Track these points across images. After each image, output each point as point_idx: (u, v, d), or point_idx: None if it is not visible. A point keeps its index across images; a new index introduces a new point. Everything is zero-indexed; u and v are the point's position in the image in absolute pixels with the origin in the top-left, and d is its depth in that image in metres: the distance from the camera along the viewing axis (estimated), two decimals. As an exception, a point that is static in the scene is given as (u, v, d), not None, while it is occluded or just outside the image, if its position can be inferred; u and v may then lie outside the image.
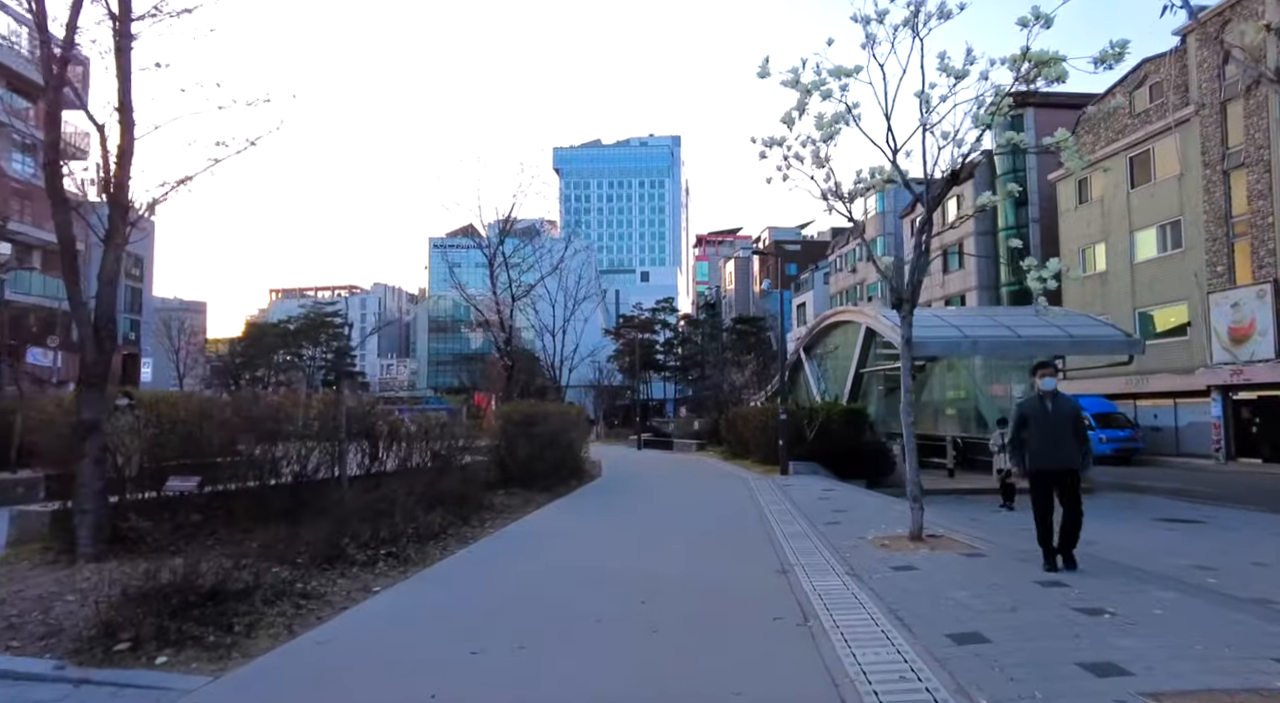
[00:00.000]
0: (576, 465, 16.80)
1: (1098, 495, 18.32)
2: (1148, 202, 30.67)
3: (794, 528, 9.96)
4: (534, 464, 13.52)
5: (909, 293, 8.98)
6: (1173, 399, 30.08)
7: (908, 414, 9.00)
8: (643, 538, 9.42)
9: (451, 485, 10.34)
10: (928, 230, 8.93)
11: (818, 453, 18.70)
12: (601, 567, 7.39)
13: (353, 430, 9.24)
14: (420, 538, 8.39)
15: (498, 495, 12.74)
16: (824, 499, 13.21)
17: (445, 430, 11.29)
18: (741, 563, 7.63)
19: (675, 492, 15.19)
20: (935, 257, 47.15)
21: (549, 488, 13.73)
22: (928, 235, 8.93)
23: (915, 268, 8.98)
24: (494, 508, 11.46)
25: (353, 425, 9.21)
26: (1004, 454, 14.70)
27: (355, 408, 10.07)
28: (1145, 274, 30.85)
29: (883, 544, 8.60)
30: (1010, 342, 17.29)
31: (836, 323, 23.42)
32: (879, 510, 11.66)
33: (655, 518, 11.26)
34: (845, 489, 15.12)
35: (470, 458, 13.43)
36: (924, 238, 8.91)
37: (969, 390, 25.10)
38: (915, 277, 8.96)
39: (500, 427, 14.23)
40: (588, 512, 11.85)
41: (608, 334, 60.69)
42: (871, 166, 9.36)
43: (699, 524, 10.55)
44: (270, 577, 6.00)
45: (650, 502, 13.35)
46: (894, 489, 18.24)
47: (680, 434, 38.28)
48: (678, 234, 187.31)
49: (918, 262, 8.96)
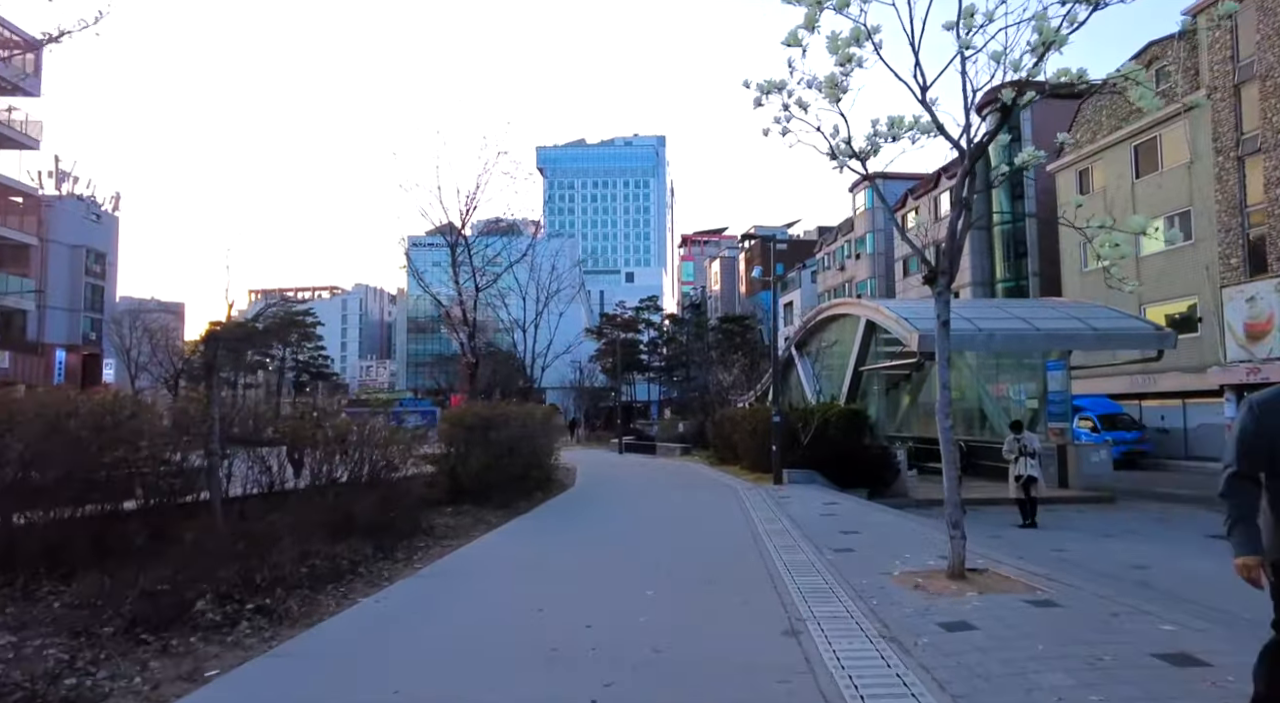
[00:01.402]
0: (544, 475, 14.82)
1: (1121, 507, 16.63)
2: (1154, 192, 29.16)
3: (798, 557, 8.05)
4: (489, 476, 11.53)
5: (947, 262, 7.11)
6: (1182, 399, 28.57)
7: (944, 416, 7.12)
8: (608, 576, 7.45)
9: (376, 507, 8.33)
10: (969, 183, 7.06)
11: (814, 459, 16.84)
12: (543, 632, 5.37)
13: (237, 437, 7.22)
14: (315, 582, 6.40)
15: (443, 515, 10.76)
16: (827, 516, 11.32)
17: (380, 437, 9.26)
18: (735, 619, 5.70)
19: (655, 506, 13.24)
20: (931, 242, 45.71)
21: (507, 503, 11.75)
22: (969, 189, 7.05)
23: (955, 230, 7.10)
24: (434, 533, 9.47)
25: (234, 431, 7.19)
26: (1024, 461, 12.86)
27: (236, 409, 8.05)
28: (1152, 268, 29.29)
29: (916, 584, 6.71)
30: (1027, 335, 15.53)
31: (833, 317, 21.58)
32: (895, 531, 9.79)
33: (627, 544, 9.30)
34: (849, 502, 13.25)
35: (417, 470, 11.45)
36: (966, 192, 7.03)
37: (972, 390, 23.39)
38: (956, 241, 7.09)
39: (449, 432, 12.22)
40: (547, 536, 9.87)
41: (590, 334, 58.66)
42: (890, 116, 7.50)
43: (680, 553, 8.60)
44: (42, 664, 4.00)
45: (624, 520, 11.40)
46: (898, 500, 16.41)
47: (664, 437, 36.32)
48: (663, 235, 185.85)
49: (957, 222, 7.08)
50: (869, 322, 18.47)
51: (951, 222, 7.11)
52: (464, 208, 18.63)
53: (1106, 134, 31.46)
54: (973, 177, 7.05)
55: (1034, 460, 12.88)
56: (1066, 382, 18.72)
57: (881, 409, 19.96)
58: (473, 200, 18.78)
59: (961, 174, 7.01)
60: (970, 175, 7.02)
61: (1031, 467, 12.84)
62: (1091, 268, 33.32)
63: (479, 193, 18.74)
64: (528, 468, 12.85)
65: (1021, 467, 12.80)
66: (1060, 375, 18.89)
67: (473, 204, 18.75)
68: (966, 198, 7.04)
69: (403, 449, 9.49)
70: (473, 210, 18.73)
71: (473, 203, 18.76)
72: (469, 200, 18.77)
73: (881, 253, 53.82)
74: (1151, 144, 29.29)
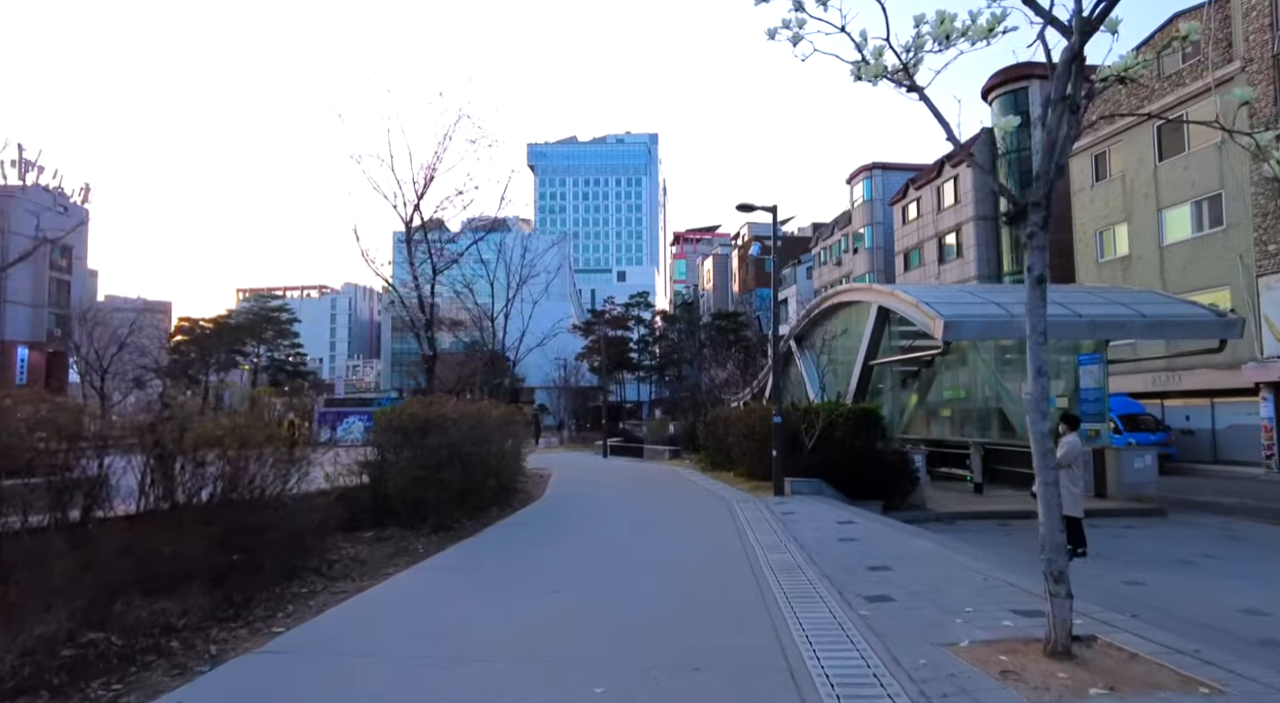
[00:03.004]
0: (502, 486, 12.52)
1: (1173, 521, 14.44)
2: (1179, 175, 27.05)
3: (819, 614, 5.78)
4: (423, 491, 9.21)
5: (1043, 190, 4.87)
6: (1209, 398, 26.46)
7: (1040, 416, 4.86)
8: (547, 654, 5.11)
9: (242, 537, 6.02)
10: (1074, 75, 4.78)
11: (820, 466, 14.57)
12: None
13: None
14: (107, 664, 4.10)
15: (359, 542, 8.47)
16: (845, 541, 9.05)
17: (258, 439, 6.92)
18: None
19: (631, 529, 10.92)
20: (934, 234, 43.56)
21: (446, 526, 9.44)
22: (1074, 84, 4.78)
23: (1056, 141, 4.83)
24: (330, 571, 7.16)
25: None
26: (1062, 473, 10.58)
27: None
28: (1177, 257, 27.22)
29: (1002, 667, 4.46)
30: (1068, 322, 13.31)
31: (839, 305, 19.30)
32: (937, 566, 7.52)
33: (587, 590, 6.94)
34: (867, 521, 10.97)
35: (337, 484, 9.17)
36: (1072, 85, 4.76)
37: (991, 386, 21.18)
38: (1057, 155, 4.82)
39: (377, 437, 9.91)
40: (480, 575, 7.51)
41: (577, 330, 56.33)
42: (939, 9, 5.29)
43: (656, 608, 6.30)
44: None
45: (588, 551, 9.10)
46: (915, 513, 14.18)
47: (653, 439, 34.02)
48: (655, 233, 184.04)
49: (1059, 128, 4.80)
50: (882, 309, 16.22)
51: (1051, 129, 4.83)
52: (421, 179, 16.32)
53: (1126, 114, 29.33)
54: (1081, 63, 4.78)
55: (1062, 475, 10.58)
56: (1103, 378, 16.53)
57: (896, 408, 17.71)
58: (431, 170, 16.48)
59: (1067, 57, 4.74)
60: (1077, 61, 4.76)
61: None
62: (1108, 258, 31.26)
63: (438, 162, 16.45)
64: (478, 480, 10.53)
65: (1074, 478, 10.52)
66: (1095, 370, 16.69)
67: (430, 174, 16.44)
68: (1073, 94, 4.77)
69: (281, 458, 7.13)
70: (431, 182, 16.42)
71: (430, 172, 16.46)
72: (428, 171, 16.47)
73: (880, 247, 51.68)
74: (1177, 125, 27.13)
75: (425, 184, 16.37)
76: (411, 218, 16.43)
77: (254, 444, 6.50)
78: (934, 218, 44.31)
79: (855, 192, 55.07)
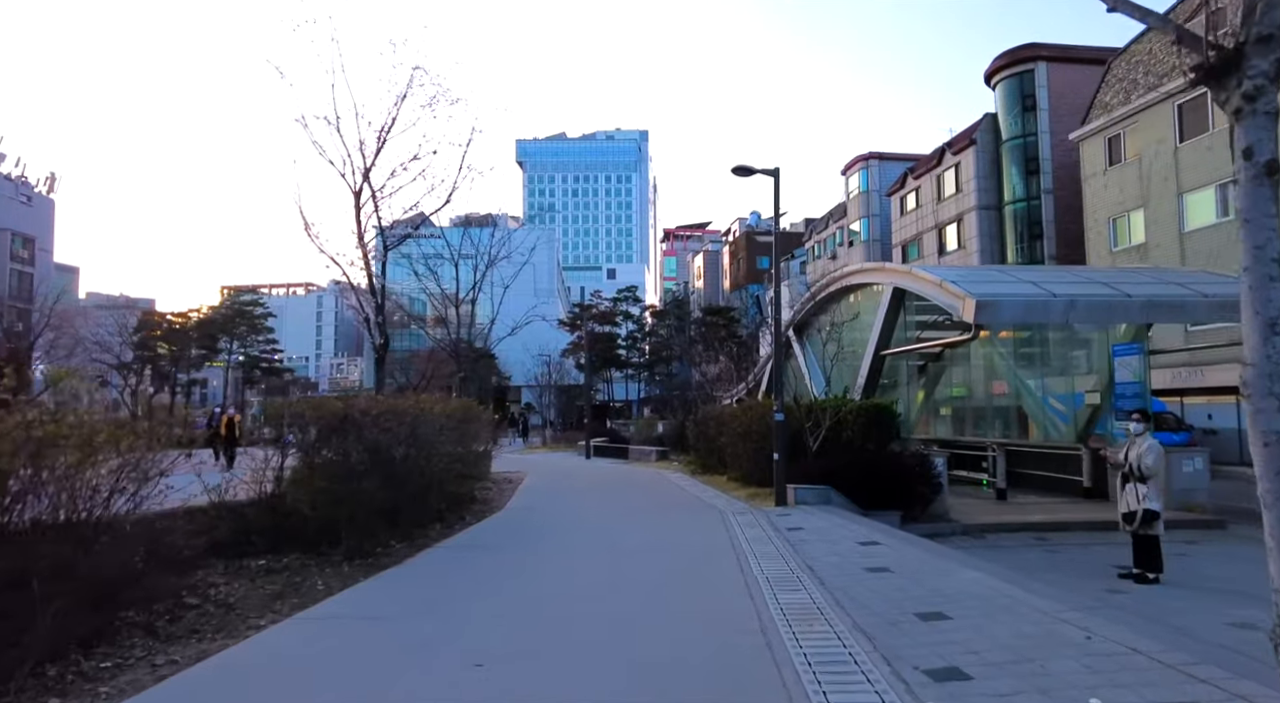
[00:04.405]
0: (455, 497, 10.48)
1: (1235, 534, 12.58)
2: (1203, 156, 25.27)
3: (862, 700, 3.78)
4: (333, 507, 7.16)
5: (1271, 16, 2.87)
6: (1235, 396, 24.62)
7: (1272, 399, 2.86)
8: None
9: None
10: None
11: (826, 471, 12.59)
12: None
13: None
14: None
15: (241, 575, 6.42)
16: (875, 572, 7.05)
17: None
18: None
19: (602, 551, 8.87)
20: (934, 225, 41.70)
21: (364, 551, 7.38)
22: None
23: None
24: (168, 626, 5.11)
25: None
26: (1147, 485, 8.62)
27: None
28: (1200, 244, 25.45)
29: None
30: (1117, 303, 11.41)
31: (846, 288, 17.32)
32: (1011, 615, 5.54)
33: (521, 670, 4.76)
34: (893, 540, 8.99)
35: (218, 497, 7.15)
36: None
37: (1009, 381, 19.32)
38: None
39: (277, 438, 7.86)
40: (383, 635, 5.27)
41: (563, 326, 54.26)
42: None
43: (627, 692, 4.28)
44: None
45: (543, 586, 7.00)
46: (937, 526, 12.26)
47: (640, 439, 31.97)
48: (645, 231, 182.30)
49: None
50: (897, 291, 14.25)
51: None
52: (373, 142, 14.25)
53: (1143, 93, 27.61)
54: None
55: (1146, 488, 8.62)
56: (1143, 371, 14.65)
57: (913, 403, 15.76)
58: (384, 133, 14.40)
59: None
60: None
61: (1144, 494, 8.58)
62: (1122, 247, 29.49)
63: (391, 123, 14.38)
64: (414, 492, 8.48)
65: (1144, 493, 8.57)
66: (1134, 362, 14.80)
67: (383, 137, 14.36)
68: None
69: (128, 466, 5.11)
70: (383, 146, 14.34)
71: (383, 136, 14.38)
72: (379, 134, 14.40)
73: (877, 239, 49.89)
74: (1200, 101, 25.39)
75: (377, 149, 14.30)
76: (361, 188, 14.36)
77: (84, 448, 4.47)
78: (934, 208, 42.52)
79: (851, 183, 53.27)
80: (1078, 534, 12.53)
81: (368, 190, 14.27)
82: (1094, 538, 12.31)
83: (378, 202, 13.94)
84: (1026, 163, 36.82)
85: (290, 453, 7.84)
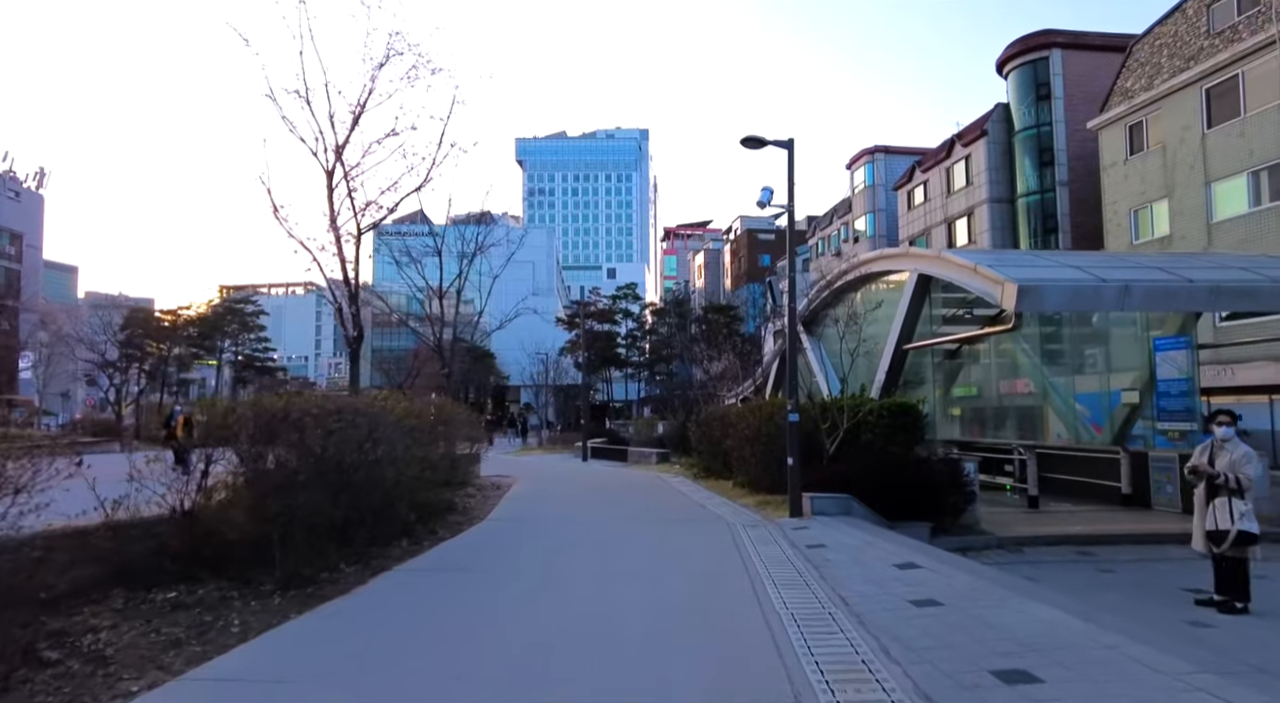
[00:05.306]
0: (427, 507, 9.17)
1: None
2: (1234, 142, 23.96)
3: None
4: (264, 524, 5.87)
5: None
6: (1268, 395, 23.36)
7: None
8: None
9: None
10: None
11: (845, 477, 11.27)
12: None
13: None
14: None
15: (140, 612, 5.15)
16: (925, 607, 5.74)
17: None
18: None
19: (592, 576, 7.48)
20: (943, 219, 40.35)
21: (302, 578, 6.08)
22: None
23: None
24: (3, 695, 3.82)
25: None
26: (1240, 501, 7.30)
27: None
28: (1230, 236, 24.12)
29: None
30: (1180, 289, 10.10)
31: (863, 278, 16.00)
32: (1112, 673, 4.24)
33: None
34: (933, 561, 7.66)
35: (112, 515, 5.90)
36: None
37: (1035, 380, 18.00)
38: None
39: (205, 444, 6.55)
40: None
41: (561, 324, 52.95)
42: None
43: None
44: None
45: (513, 629, 5.65)
46: (972, 537, 10.96)
47: (640, 440, 30.66)
48: (645, 230, 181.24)
49: None
50: (923, 278, 12.93)
51: None
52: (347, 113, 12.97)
53: (1168, 78, 26.28)
54: None
55: (1243, 503, 7.32)
56: (1190, 367, 13.35)
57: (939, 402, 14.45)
58: (360, 105, 13.13)
59: None
60: None
61: (1242, 512, 7.28)
62: (1144, 239, 28.18)
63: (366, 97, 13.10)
64: (372, 506, 7.19)
65: (1236, 510, 7.25)
66: (1180, 357, 13.50)
67: (358, 112, 13.08)
68: None
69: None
70: (358, 121, 13.06)
71: (358, 110, 13.10)
72: (355, 107, 13.13)
73: (883, 234, 48.55)
74: (1231, 84, 24.09)
75: (352, 123, 13.03)
76: (334, 167, 13.08)
77: None
78: (942, 202, 41.22)
79: (856, 177, 51.97)
80: (1125, 548, 11.22)
81: (341, 170, 12.95)
82: (1145, 553, 11.02)
83: (350, 182, 12.61)
84: (1040, 154, 35.52)
85: (219, 459, 6.55)
